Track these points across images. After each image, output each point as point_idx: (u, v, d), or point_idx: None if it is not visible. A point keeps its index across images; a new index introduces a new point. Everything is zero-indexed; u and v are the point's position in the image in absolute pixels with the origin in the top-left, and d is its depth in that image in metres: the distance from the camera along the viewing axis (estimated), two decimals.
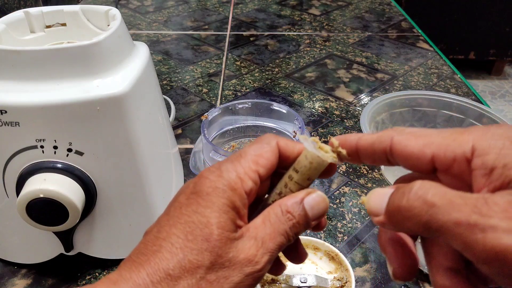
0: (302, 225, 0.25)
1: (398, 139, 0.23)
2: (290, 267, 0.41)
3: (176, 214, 0.24)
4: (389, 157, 0.24)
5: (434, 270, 0.23)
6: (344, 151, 0.25)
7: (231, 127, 0.61)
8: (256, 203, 0.27)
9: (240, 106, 0.60)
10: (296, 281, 0.40)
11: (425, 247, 0.24)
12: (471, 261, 0.19)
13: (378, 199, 0.22)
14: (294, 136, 0.59)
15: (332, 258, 0.44)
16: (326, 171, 0.26)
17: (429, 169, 0.22)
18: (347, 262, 0.43)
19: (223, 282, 0.22)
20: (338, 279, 0.42)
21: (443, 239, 0.19)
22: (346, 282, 0.42)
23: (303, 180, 0.25)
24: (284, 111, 0.60)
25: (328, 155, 0.25)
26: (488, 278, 0.22)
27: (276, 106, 0.60)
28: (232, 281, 0.23)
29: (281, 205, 0.25)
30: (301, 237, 0.44)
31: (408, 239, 0.25)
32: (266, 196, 0.27)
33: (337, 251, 0.44)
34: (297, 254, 0.29)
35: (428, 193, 0.19)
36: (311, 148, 0.25)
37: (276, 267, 0.29)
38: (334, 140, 0.25)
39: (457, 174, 0.21)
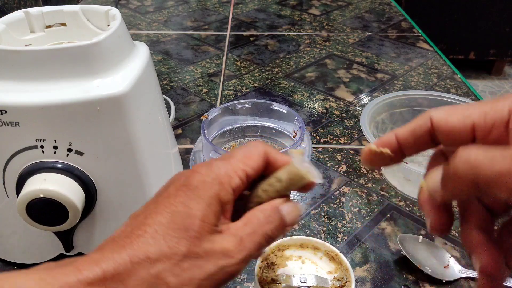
0: (280, 229, 0.27)
1: (438, 116, 0.24)
2: (290, 267, 0.41)
3: (164, 203, 0.25)
4: (433, 137, 0.25)
5: (468, 229, 0.25)
6: (386, 150, 0.26)
7: (231, 127, 0.61)
8: (239, 199, 0.29)
9: (240, 106, 0.60)
10: (296, 281, 0.40)
11: (461, 211, 0.26)
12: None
13: (433, 178, 0.24)
14: (294, 136, 0.59)
15: (332, 258, 0.44)
16: (304, 187, 0.29)
17: (469, 140, 0.24)
18: (347, 262, 0.43)
19: (196, 270, 0.24)
20: (338, 279, 0.42)
21: (492, 193, 0.21)
22: (346, 282, 0.42)
23: (282, 190, 0.28)
24: (284, 111, 0.60)
25: (310, 174, 0.27)
26: None
27: (276, 106, 0.60)
28: (205, 271, 0.24)
29: (262, 211, 0.27)
30: (301, 237, 0.44)
31: None
32: (247, 193, 0.29)
33: (337, 251, 0.44)
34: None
35: (471, 155, 0.21)
36: (298, 165, 0.27)
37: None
38: (372, 145, 0.27)
39: (495, 139, 0.23)
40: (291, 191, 0.28)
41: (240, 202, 0.28)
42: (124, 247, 0.24)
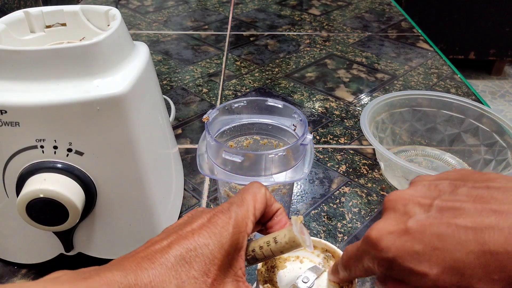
0: None
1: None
2: (290, 268, 0.41)
3: (180, 236, 0.26)
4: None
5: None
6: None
7: (228, 126, 0.61)
8: None
9: (235, 105, 0.60)
10: (301, 285, 0.41)
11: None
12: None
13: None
14: (294, 130, 0.58)
15: (331, 255, 0.44)
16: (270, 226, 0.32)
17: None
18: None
19: None
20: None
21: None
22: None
23: (276, 251, 0.30)
24: (280, 106, 0.59)
25: (305, 243, 0.29)
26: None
27: (271, 102, 0.60)
28: None
29: None
30: None
31: None
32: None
33: (334, 247, 0.44)
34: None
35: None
36: (297, 232, 0.29)
37: None
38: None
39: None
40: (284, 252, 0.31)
41: None
42: (144, 269, 0.24)
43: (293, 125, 0.59)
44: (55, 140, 0.37)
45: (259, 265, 0.39)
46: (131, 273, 0.23)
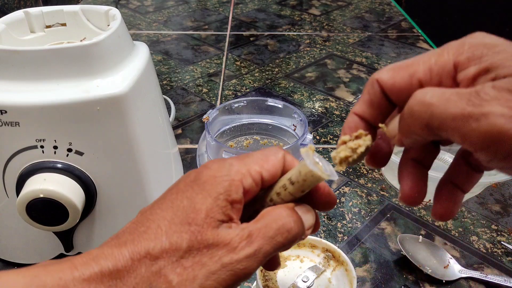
0: (299, 231, 0.25)
1: (384, 80, 0.23)
2: (290, 267, 0.41)
3: (170, 199, 0.24)
4: (388, 99, 0.24)
5: (405, 159, 0.25)
6: (363, 133, 0.25)
7: (228, 126, 0.61)
8: (251, 205, 0.27)
9: (236, 105, 0.60)
10: (301, 285, 0.41)
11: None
12: (471, 153, 0.20)
13: (394, 122, 0.23)
14: (294, 130, 0.59)
15: (331, 254, 0.45)
16: (326, 204, 0.27)
17: None
18: (345, 256, 0.43)
19: (198, 269, 0.22)
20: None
21: (445, 136, 0.20)
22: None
23: (296, 192, 0.26)
24: (280, 106, 0.60)
25: (324, 172, 0.24)
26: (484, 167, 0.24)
27: (271, 102, 0.60)
28: (208, 270, 0.22)
29: (275, 210, 0.25)
30: None
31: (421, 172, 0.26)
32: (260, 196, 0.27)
33: (334, 247, 0.44)
34: (269, 261, 0.29)
35: (426, 95, 0.20)
36: (311, 165, 0.24)
37: (270, 261, 0.29)
38: (344, 137, 0.25)
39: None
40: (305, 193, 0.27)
41: (253, 207, 0.27)
42: (125, 243, 0.23)
43: (293, 125, 0.59)
44: (55, 140, 0.37)
45: None
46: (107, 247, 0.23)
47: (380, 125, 0.24)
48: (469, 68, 0.21)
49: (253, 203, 0.27)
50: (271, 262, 0.29)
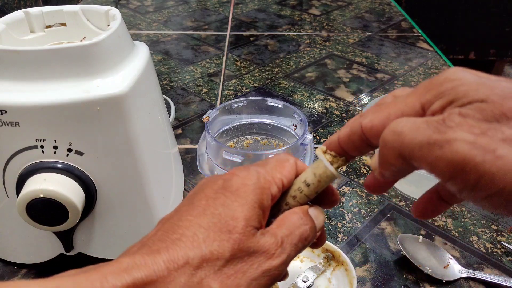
0: (313, 233, 0.26)
1: (365, 123, 0.24)
2: (290, 266, 0.41)
3: (201, 205, 0.24)
4: (368, 142, 0.24)
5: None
6: (332, 153, 0.26)
7: (228, 126, 0.61)
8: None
9: (236, 105, 0.60)
10: (301, 285, 0.41)
11: None
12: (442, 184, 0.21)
13: (376, 155, 0.24)
14: (294, 130, 0.59)
15: (331, 254, 0.45)
16: (331, 202, 0.29)
17: None
18: (345, 256, 0.43)
19: (240, 277, 0.22)
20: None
21: (416, 165, 0.20)
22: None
23: (311, 194, 0.27)
24: (280, 106, 0.60)
25: (337, 172, 0.26)
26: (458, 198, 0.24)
27: (271, 102, 0.60)
28: (249, 277, 0.23)
29: (294, 213, 0.26)
30: None
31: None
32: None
33: (334, 247, 0.44)
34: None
35: (398, 125, 0.20)
36: (329, 166, 0.26)
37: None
38: (322, 147, 0.27)
39: None
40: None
41: (271, 212, 0.28)
42: (158, 251, 0.22)
43: (293, 125, 0.59)
44: (55, 140, 0.37)
45: None
46: (140, 256, 0.22)
47: (363, 157, 0.26)
48: (435, 103, 0.21)
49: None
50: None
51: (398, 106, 0.23)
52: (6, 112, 0.35)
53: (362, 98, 0.80)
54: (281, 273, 0.24)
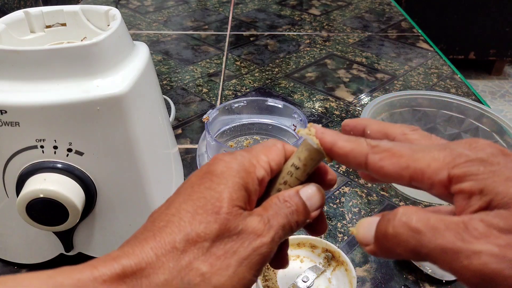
0: (302, 214, 0.25)
1: (373, 159, 0.23)
2: (290, 266, 0.41)
3: (187, 192, 0.24)
4: (365, 170, 0.24)
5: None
6: (316, 141, 0.25)
7: (228, 126, 0.61)
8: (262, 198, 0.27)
9: (235, 105, 0.60)
10: (301, 285, 0.41)
11: None
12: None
13: (366, 228, 0.23)
14: (294, 130, 0.59)
15: (331, 254, 0.45)
16: (329, 182, 0.28)
17: (408, 185, 0.22)
18: (345, 256, 0.43)
19: (230, 256, 0.22)
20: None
21: (433, 263, 0.20)
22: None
23: (302, 175, 0.26)
24: (280, 106, 0.60)
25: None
26: None
27: (271, 102, 0.60)
28: (240, 256, 0.22)
29: (279, 196, 0.25)
30: (297, 236, 0.44)
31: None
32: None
33: (334, 247, 0.44)
34: (279, 260, 0.29)
35: (412, 220, 0.20)
36: (312, 142, 0.25)
37: (280, 260, 0.29)
38: (312, 128, 0.25)
39: (436, 194, 0.22)
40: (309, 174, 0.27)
41: (263, 200, 0.27)
42: (146, 240, 0.22)
43: (293, 125, 0.59)
44: (55, 140, 0.37)
45: None
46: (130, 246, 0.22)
47: (350, 229, 0.25)
48: (463, 183, 0.20)
49: (263, 195, 0.27)
50: (281, 260, 0.29)
51: (421, 162, 0.21)
52: (6, 112, 0.35)
53: (362, 98, 0.80)
54: (272, 251, 0.24)
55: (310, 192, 0.26)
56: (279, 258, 0.28)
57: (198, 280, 0.21)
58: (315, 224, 0.28)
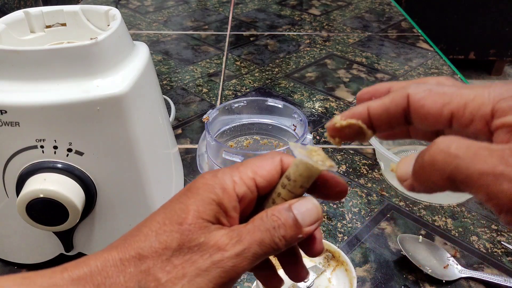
0: (291, 229, 0.25)
1: (416, 98, 0.22)
2: None
3: (165, 205, 0.25)
4: (408, 116, 0.23)
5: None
6: (358, 122, 0.24)
7: (228, 126, 0.61)
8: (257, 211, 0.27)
9: (236, 105, 0.60)
10: (301, 285, 0.41)
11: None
12: (492, 210, 0.19)
13: (405, 164, 0.22)
14: (294, 130, 0.59)
15: (332, 255, 0.45)
16: (337, 194, 0.27)
17: (445, 126, 0.22)
18: (345, 257, 0.43)
19: (188, 266, 0.23)
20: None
21: (467, 191, 0.19)
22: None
23: (295, 188, 0.25)
24: (280, 106, 0.60)
25: (321, 163, 0.24)
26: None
27: (271, 102, 0.60)
28: (198, 267, 0.23)
29: (268, 211, 0.25)
30: None
31: None
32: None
33: (335, 247, 0.44)
34: (297, 271, 0.28)
35: (451, 146, 0.19)
36: (301, 156, 0.24)
37: (273, 280, 0.29)
38: (337, 117, 0.25)
39: (473, 131, 0.21)
40: (306, 188, 0.26)
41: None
42: (116, 246, 0.24)
43: (293, 125, 0.59)
44: (55, 140, 0.37)
45: None
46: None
47: (391, 165, 0.24)
48: (507, 117, 0.20)
49: (259, 209, 0.27)
50: (272, 280, 0.29)
51: (464, 97, 0.21)
52: (6, 112, 0.35)
53: None
54: (238, 268, 0.23)
55: (303, 206, 0.25)
56: (269, 277, 0.29)
57: (152, 285, 0.23)
58: (310, 242, 0.27)
